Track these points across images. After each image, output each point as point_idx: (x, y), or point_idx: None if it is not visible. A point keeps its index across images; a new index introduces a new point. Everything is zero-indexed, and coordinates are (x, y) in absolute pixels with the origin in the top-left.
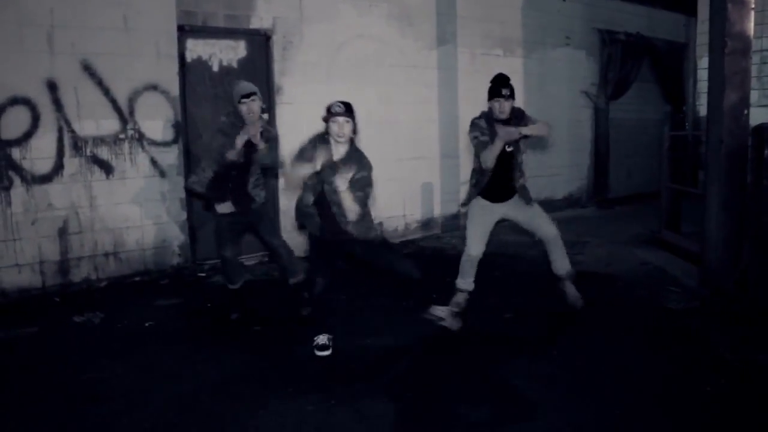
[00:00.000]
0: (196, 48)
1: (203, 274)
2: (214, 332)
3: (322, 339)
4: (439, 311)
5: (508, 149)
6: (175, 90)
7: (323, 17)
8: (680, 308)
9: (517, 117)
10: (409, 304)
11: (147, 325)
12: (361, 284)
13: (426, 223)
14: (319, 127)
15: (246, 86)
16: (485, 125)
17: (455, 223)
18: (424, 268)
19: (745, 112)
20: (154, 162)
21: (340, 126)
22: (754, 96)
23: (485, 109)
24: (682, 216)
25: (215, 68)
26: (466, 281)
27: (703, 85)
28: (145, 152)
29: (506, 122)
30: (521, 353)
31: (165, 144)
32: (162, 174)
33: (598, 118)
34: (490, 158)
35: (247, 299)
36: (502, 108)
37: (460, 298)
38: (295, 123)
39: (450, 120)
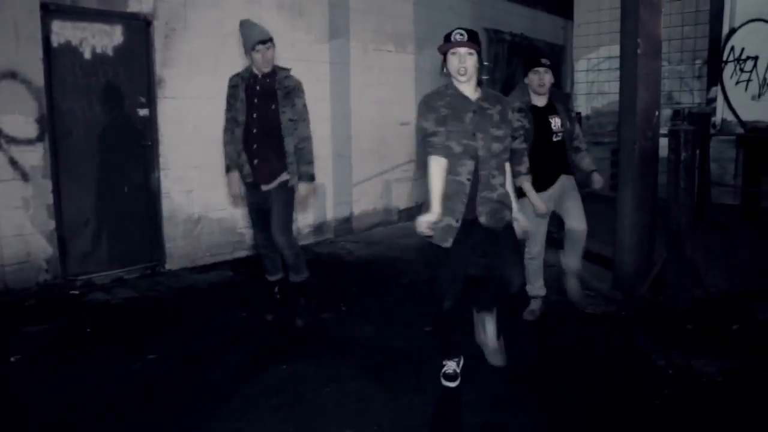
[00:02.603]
0: (63, 31)
1: (76, 292)
2: (100, 368)
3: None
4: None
5: (556, 139)
6: (39, 79)
7: (209, 3)
8: (599, 312)
9: (560, 100)
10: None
11: (13, 360)
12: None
13: (318, 228)
14: (206, 124)
15: (262, 30)
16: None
17: (348, 227)
18: (324, 276)
19: (657, 113)
20: (13, 163)
21: (461, 59)
22: None
23: (374, 106)
24: None
25: (87, 55)
26: (535, 286)
27: (580, 87)
28: (3, 151)
29: (546, 106)
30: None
31: (27, 142)
32: (24, 177)
33: None
34: None
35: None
36: (542, 80)
37: (534, 306)
38: (180, 119)
39: (343, 117)
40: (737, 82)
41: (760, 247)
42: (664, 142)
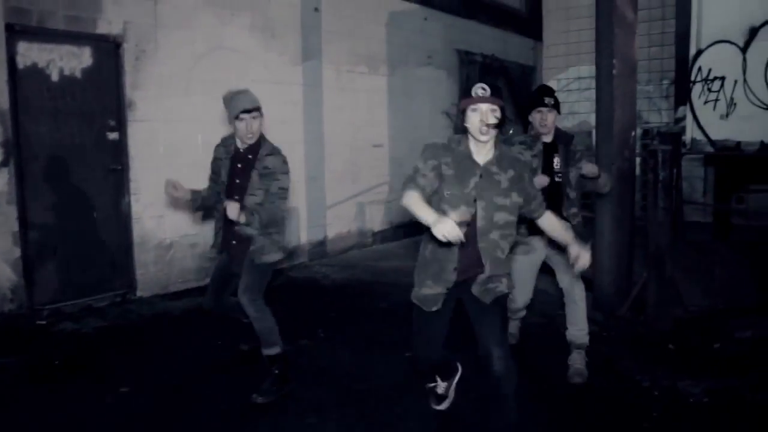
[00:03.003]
0: (29, 53)
1: (44, 322)
2: (70, 402)
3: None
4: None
5: (557, 179)
6: (4, 102)
7: (180, 24)
8: None
9: (562, 140)
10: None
11: None
12: None
13: (292, 252)
14: (177, 148)
15: (248, 98)
16: (531, 143)
17: (322, 250)
18: (300, 301)
19: (633, 133)
20: None
21: (485, 115)
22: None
23: (347, 128)
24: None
25: (55, 78)
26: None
27: None
28: None
29: (551, 144)
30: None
31: None
32: None
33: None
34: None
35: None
36: (544, 120)
37: (513, 329)
38: (151, 143)
39: (315, 140)
40: (705, 102)
41: (736, 264)
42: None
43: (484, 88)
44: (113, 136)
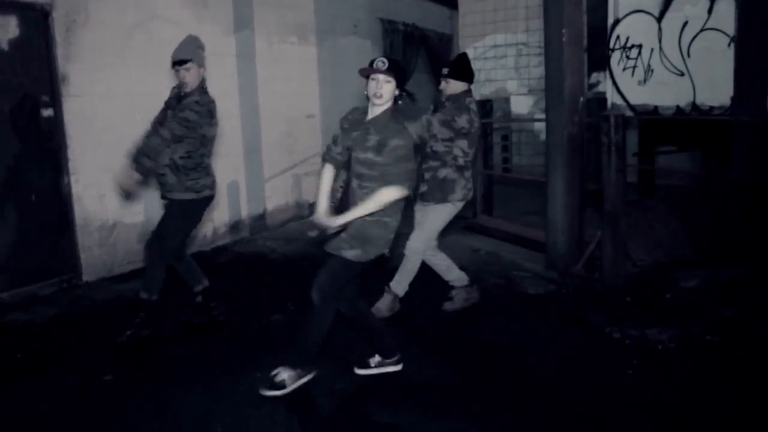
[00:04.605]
0: None
1: None
2: (55, 396)
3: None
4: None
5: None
6: None
7: None
8: (541, 293)
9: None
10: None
11: None
12: None
13: (234, 226)
14: (116, 124)
15: (181, 49)
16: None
17: (263, 224)
18: (257, 276)
19: (582, 99)
20: None
21: (379, 84)
22: (513, 85)
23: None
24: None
25: None
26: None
27: None
28: None
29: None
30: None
31: None
32: None
33: None
34: None
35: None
36: (442, 88)
37: (461, 295)
38: (88, 119)
39: (251, 112)
40: (624, 69)
41: (671, 220)
42: None
43: (383, 62)
44: (47, 112)
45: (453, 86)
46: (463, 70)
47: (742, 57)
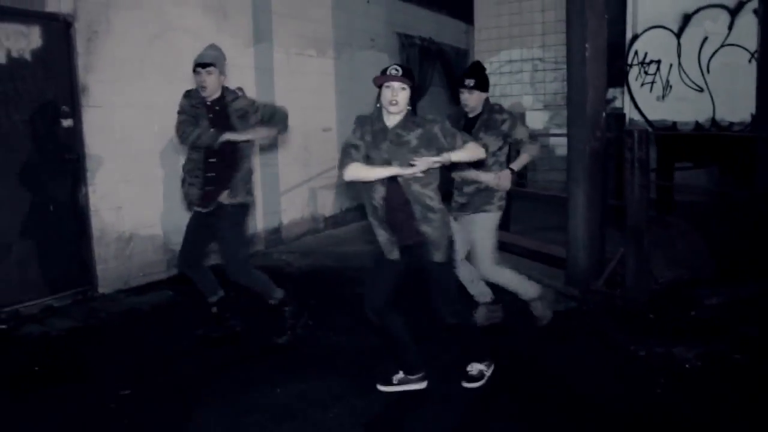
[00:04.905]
0: None
1: (4, 326)
2: (73, 411)
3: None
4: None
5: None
6: None
7: (133, 4)
8: (562, 309)
9: (491, 112)
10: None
11: None
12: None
13: (250, 240)
14: (134, 135)
15: (205, 53)
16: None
17: (278, 237)
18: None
19: (603, 115)
20: None
21: (394, 92)
22: (528, 100)
23: (298, 112)
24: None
25: (2, 60)
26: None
27: None
28: None
29: (474, 119)
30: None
31: None
32: None
33: None
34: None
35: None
36: (465, 101)
37: (484, 312)
38: (107, 130)
39: None
40: (642, 84)
41: (693, 237)
42: None
43: (397, 69)
44: (67, 122)
45: (477, 97)
46: (486, 80)
47: (764, 72)
